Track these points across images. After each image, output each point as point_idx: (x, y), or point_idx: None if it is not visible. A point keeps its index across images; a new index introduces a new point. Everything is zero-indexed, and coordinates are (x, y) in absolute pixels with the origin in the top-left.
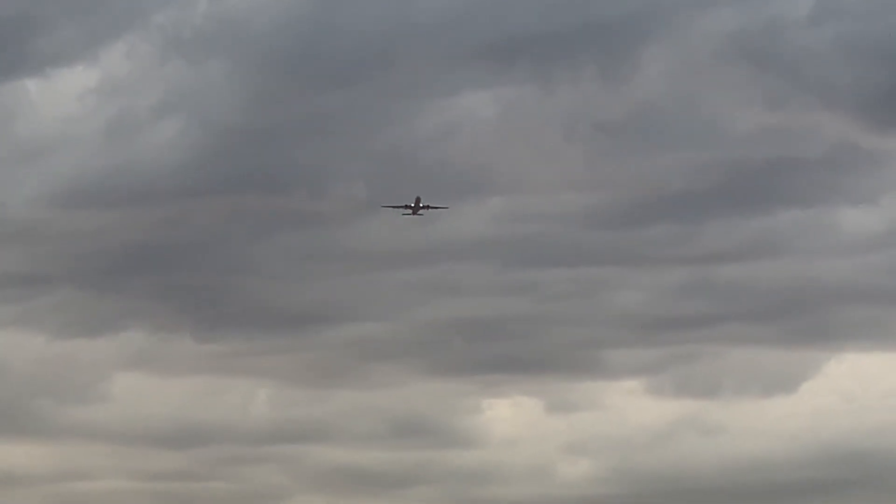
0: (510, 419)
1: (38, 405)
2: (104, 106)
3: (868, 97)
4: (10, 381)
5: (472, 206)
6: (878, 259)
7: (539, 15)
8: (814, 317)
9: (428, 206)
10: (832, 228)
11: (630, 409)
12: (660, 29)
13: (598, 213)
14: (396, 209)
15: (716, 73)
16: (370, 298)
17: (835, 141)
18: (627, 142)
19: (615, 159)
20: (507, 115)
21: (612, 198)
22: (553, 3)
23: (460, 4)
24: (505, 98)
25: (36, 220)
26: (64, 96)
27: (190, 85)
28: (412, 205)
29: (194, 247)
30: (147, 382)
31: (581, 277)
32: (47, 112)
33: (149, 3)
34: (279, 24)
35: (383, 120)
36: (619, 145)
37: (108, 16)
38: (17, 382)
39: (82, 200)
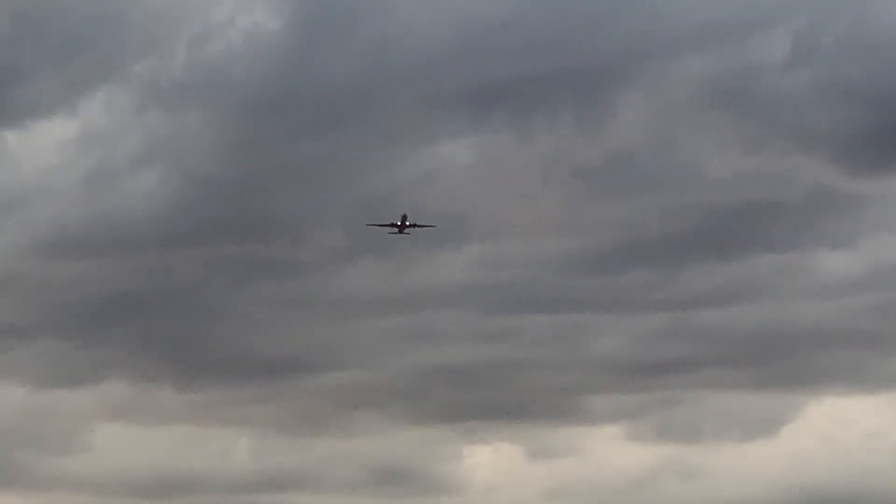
0: (491, 466)
1: (20, 456)
2: (83, 156)
3: (845, 141)
4: None
5: (450, 252)
6: (857, 302)
7: (516, 62)
8: (793, 360)
9: (415, 225)
10: (810, 272)
11: (611, 455)
12: (636, 74)
13: (577, 258)
14: (382, 228)
15: (692, 118)
16: (350, 346)
17: (812, 184)
18: (605, 187)
19: (593, 204)
20: (486, 161)
21: (591, 243)
22: (529, 49)
23: (438, 52)
24: (483, 145)
25: (16, 271)
26: (43, 147)
27: (169, 134)
28: (398, 223)
29: (174, 296)
30: (129, 432)
31: (560, 323)
32: (26, 163)
33: (127, 53)
34: (258, 73)
35: (362, 167)
36: (597, 190)
37: (86, 66)
38: None
39: (62, 250)
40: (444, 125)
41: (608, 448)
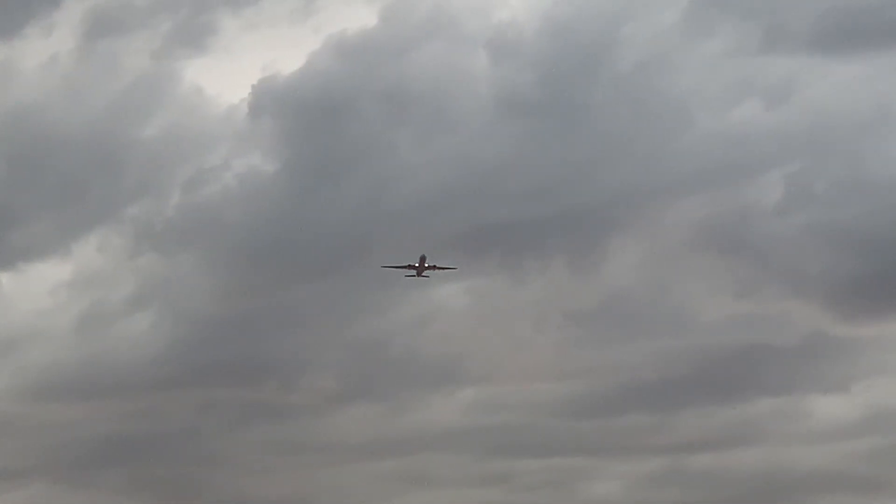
0: None
1: None
2: (77, 299)
3: (838, 285)
4: None
5: (444, 396)
6: (851, 447)
7: (510, 205)
8: None
9: (435, 267)
10: (805, 416)
11: None
12: (629, 218)
13: (571, 402)
14: (399, 270)
15: (686, 262)
16: (344, 491)
17: (806, 329)
18: (598, 331)
19: (586, 348)
20: (479, 305)
21: (585, 387)
22: (523, 193)
23: (432, 196)
24: (476, 288)
25: (8, 414)
26: (36, 290)
27: (162, 277)
28: (416, 265)
29: (167, 439)
30: None
31: (554, 467)
32: (20, 305)
33: (121, 196)
34: (252, 216)
35: (356, 311)
36: (590, 334)
37: (80, 209)
38: None
39: (54, 393)
40: None
41: None
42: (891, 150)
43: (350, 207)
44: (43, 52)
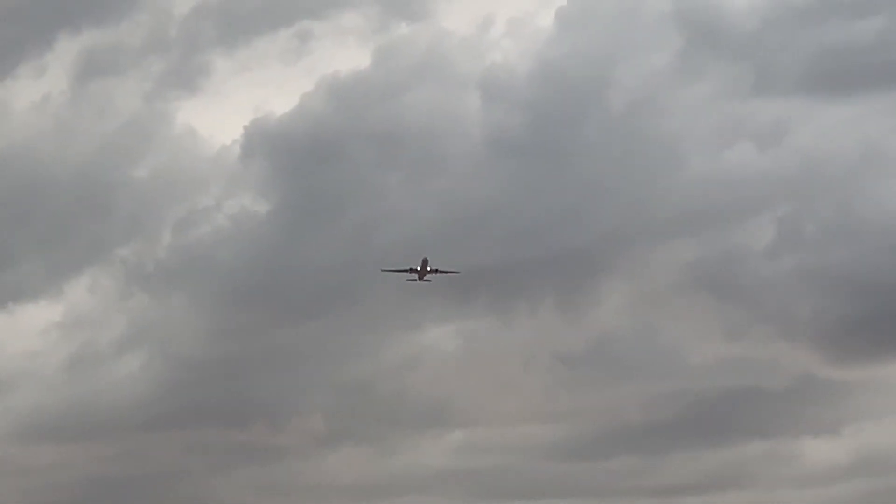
0: None
1: None
2: (67, 340)
3: (828, 328)
4: None
5: (433, 438)
6: (841, 490)
7: (499, 247)
8: None
9: (437, 271)
10: (794, 459)
11: None
12: (618, 260)
13: (560, 444)
14: (400, 273)
15: (675, 304)
16: None
17: (795, 372)
18: (587, 373)
19: (575, 391)
20: (467, 347)
21: (573, 429)
22: (513, 235)
23: (422, 238)
24: (466, 331)
25: None
26: (27, 331)
27: (153, 318)
28: (418, 268)
29: (154, 481)
30: None
31: None
32: (10, 347)
33: (112, 237)
34: (243, 258)
35: (345, 353)
36: (579, 377)
37: (71, 250)
38: None
39: (42, 435)
40: (428, 311)
41: None
42: (881, 194)
43: (341, 249)
44: (35, 93)
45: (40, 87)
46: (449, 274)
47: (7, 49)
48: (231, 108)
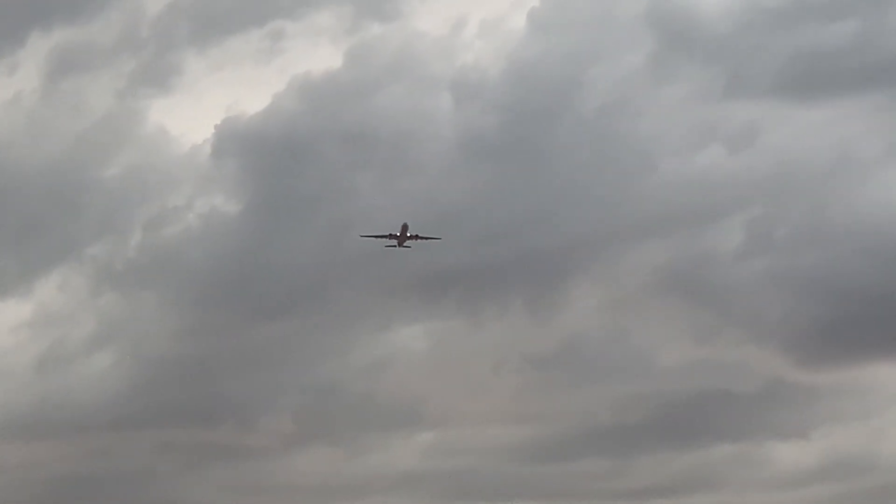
0: None
1: None
2: (36, 339)
3: (798, 331)
4: None
5: (403, 439)
6: (810, 493)
7: (469, 249)
8: None
9: (417, 237)
10: (763, 463)
11: None
12: (589, 262)
13: (529, 446)
14: (378, 240)
15: (645, 307)
16: None
17: (765, 375)
18: (556, 375)
19: (544, 393)
20: (437, 348)
21: (543, 431)
22: (482, 237)
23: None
24: (435, 332)
25: None
26: None
27: (123, 318)
28: (398, 234)
29: (122, 480)
30: None
31: None
32: None
33: (82, 236)
34: (213, 258)
35: (315, 354)
36: (549, 379)
37: (41, 248)
38: None
39: (10, 433)
40: (397, 312)
41: None
42: (853, 197)
43: (311, 249)
44: (6, 91)
45: (12, 85)
46: (429, 240)
47: None
48: (203, 108)
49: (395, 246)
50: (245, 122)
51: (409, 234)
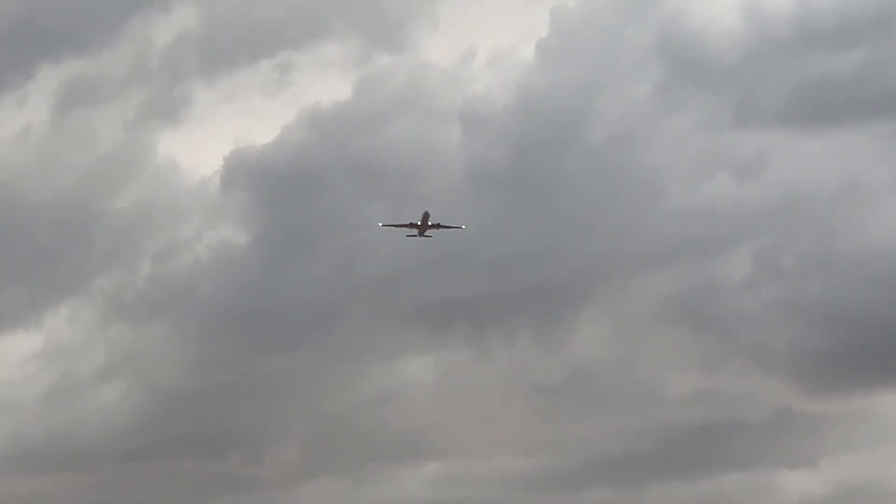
0: None
1: None
2: (46, 370)
3: (805, 361)
4: None
5: (410, 469)
6: None
7: (476, 280)
8: None
9: (439, 225)
10: (771, 492)
11: None
12: (596, 292)
13: (536, 476)
14: (399, 228)
15: (653, 336)
16: None
17: (772, 404)
18: (564, 405)
19: (552, 423)
20: (446, 379)
21: (550, 461)
22: (490, 268)
23: (399, 271)
24: (443, 362)
25: None
26: (6, 361)
27: (132, 349)
28: (419, 223)
29: None
30: None
31: None
32: None
33: (92, 267)
34: (222, 289)
35: (323, 384)
36: (557, 409)
37: (51, 280)
38: None
39: (21, 465)
40: (406, 343)
41: None
42: (859, 226)
43: (320, 280)
44: (16, 123)
45: (22, 118)
46: (451, 228)
47: None
48: (212, 139)
49: (415, 235)
50: (254, 154)
51: (430, 223)
